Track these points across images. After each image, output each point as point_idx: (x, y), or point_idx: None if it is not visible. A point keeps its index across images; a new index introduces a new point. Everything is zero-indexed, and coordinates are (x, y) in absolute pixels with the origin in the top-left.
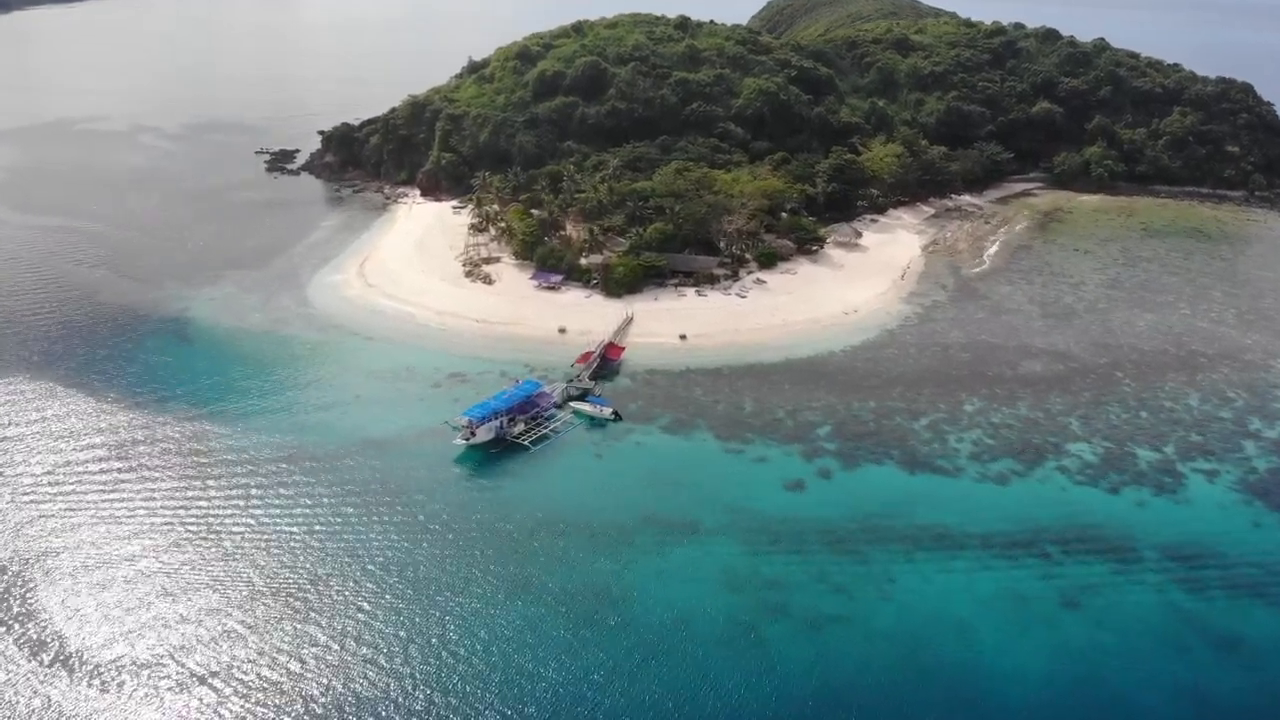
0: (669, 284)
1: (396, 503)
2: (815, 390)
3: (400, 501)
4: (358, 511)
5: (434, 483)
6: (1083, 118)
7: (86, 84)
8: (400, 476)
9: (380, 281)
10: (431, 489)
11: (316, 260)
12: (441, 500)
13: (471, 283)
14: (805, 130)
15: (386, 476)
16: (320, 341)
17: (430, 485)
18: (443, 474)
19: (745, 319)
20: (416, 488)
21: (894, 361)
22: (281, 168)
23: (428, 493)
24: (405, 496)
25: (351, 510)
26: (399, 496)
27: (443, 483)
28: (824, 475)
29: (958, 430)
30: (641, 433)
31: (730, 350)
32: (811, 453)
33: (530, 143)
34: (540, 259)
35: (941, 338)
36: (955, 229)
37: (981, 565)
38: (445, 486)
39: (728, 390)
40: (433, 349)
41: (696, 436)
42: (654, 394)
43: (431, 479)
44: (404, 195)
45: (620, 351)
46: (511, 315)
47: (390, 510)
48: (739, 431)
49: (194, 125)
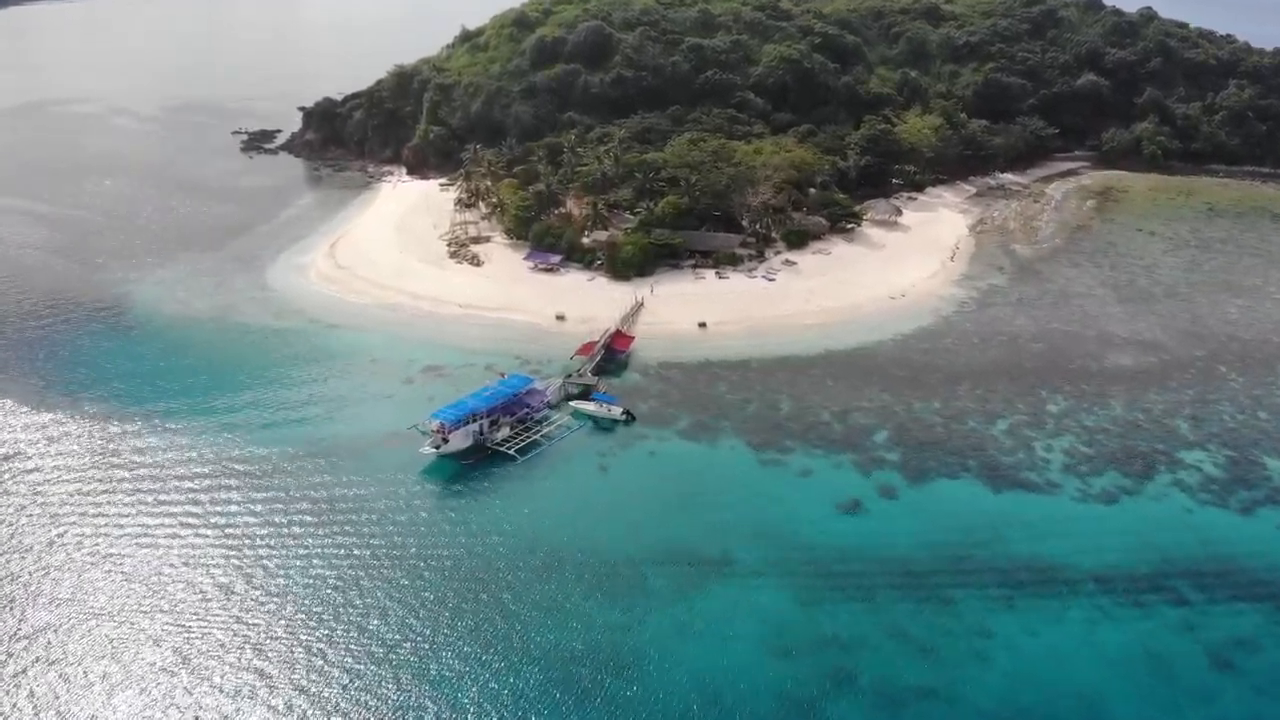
0: (684, 265)
1: (343, 532)
2: (865, 387)
3: (348, 530)
4: (293, 544)
5: (393, 504)
6: (1131, 91)
7: (67, 70)
8: (352, 496)
9: (352, 263)
10: (389, 513)
11: (283, 241)
12: (401, 528)
13: (457, 264)
14: (832, 101)
15: (335, 496)
16: (275, 330)
17: (388, 507)
18: (405, 492)
19: (775, 304)
20: (370, 511)
21: (955, 353)
22: (259, 147)
23: (384, 518)
24: (355, 523)
25: (286, 542)
26: (347, 523)
27: (404, 504)
28: (887, 493)
29: (1045, 435)
30: (656, 439)
31: (759, 340)
32: (868, 464)
33: (527, 113)
34: (536, 236)
35: (1007, 325)
36: (1003, 208)
37: (1102, 613)
38: (407, 509)
39: (759, 387)
40: (406, 338)
41: (724, 444)
42: (670, 391)
43: (390, 499)
44: (389, 174)
45: (629, 342)
46: (501, 300)
47: (334, 541)
48: (776, 437)
49: (171, 107)
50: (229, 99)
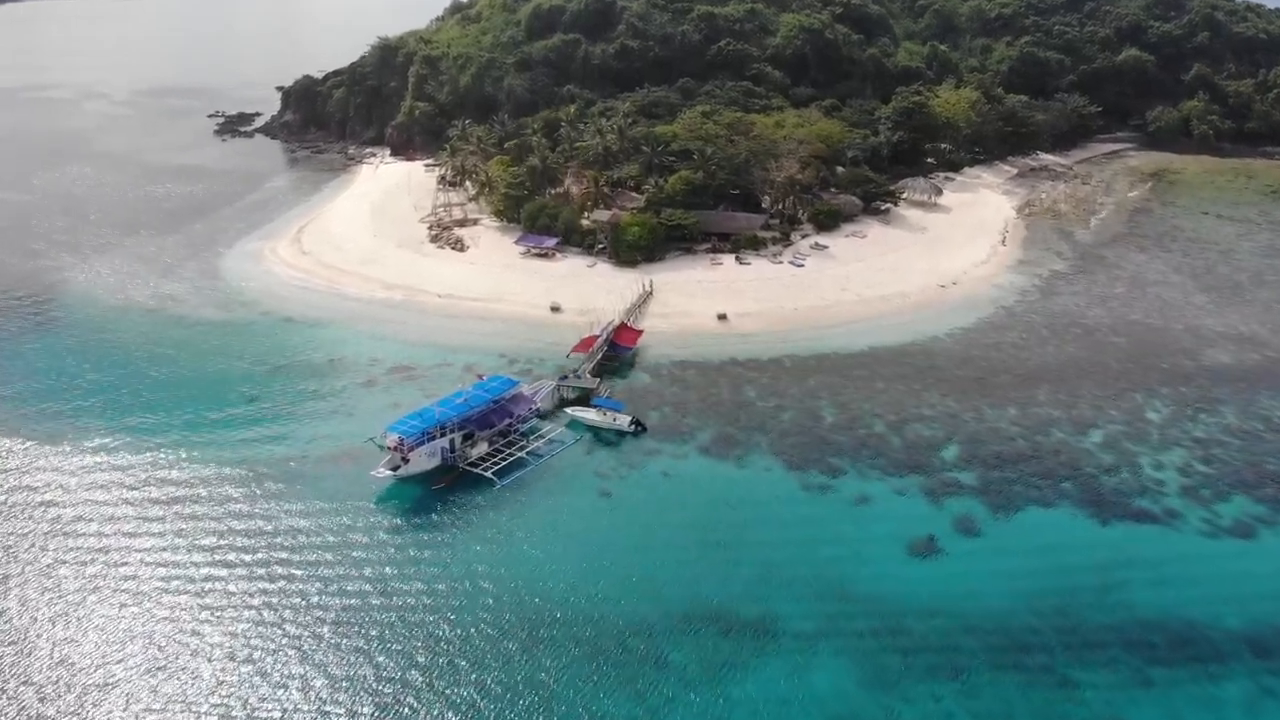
0: (699, 249)
1: (271, 580)
2: (924, 390)
3: (278, 576)
4: (190, 598)
5: (333, 545)
6: (1177, 67)
7: (47, 59)
8: (286, 530)
9: (318, 248)
10: (330, 554)
11: (244, 225)
12: (340, 580)
13: (438, 249)
14: (855, 75)
15: (264, 529)
16: (218, 324)
17: (330, 546)
18: (351, 529)
19: (805, 293)
20: (307, 551)
21: (1026, 349)
22: (235, 130)
23: (319, 565)
24: (287, 567)
25: (182, 598)
26: (278, 567)
27: (347, 546)
28: (966, 527)
29: (1150, 449)
30: (671, 456)
31: (789, 334)
32: (939, 489)
33: (522, 87)
34: (529, 217)
35: (1080, 317)
36: (1049, 189)
37: (1266, 693)
38: (349, 553)
39: (794, 390)
40: (373, 333)
41: (756, 463)
42: (686, 396)
43: (330, 539)
44: (371, 155)
45: (636, 336)
46: (487, 288)
47: (258, 591)
48: (820, 455)
49: (146, 91)
50: (210, 84)
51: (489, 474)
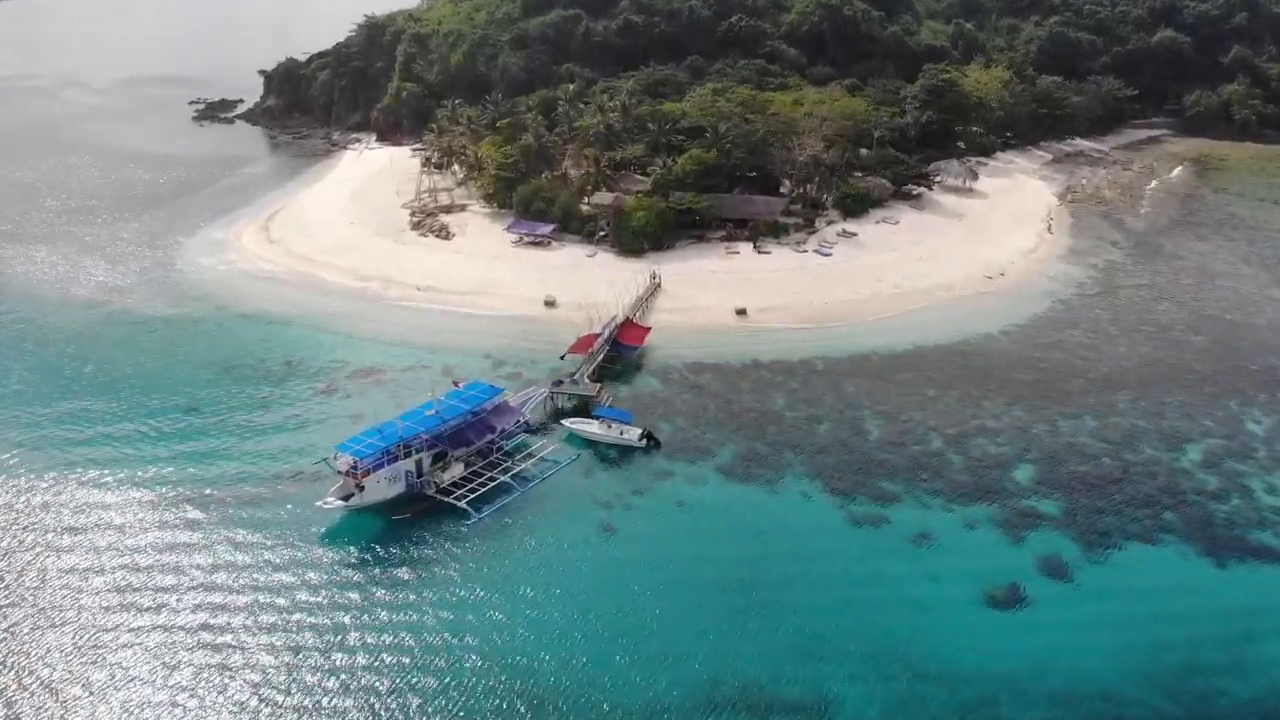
0: (712, 236)
1: (172, 646)
2: (983, 398)
3: (185, 643)
4: (92, 661)
5: (265, 594)
6: (1214, 49)
7: (30, 50)
8: (203, 578)
9: (287, 237)
10: (258, 611)
11: (210, 213)
12: (271, 640)
13: (420, 237)
14: (876, 54)
15: (176, 577)
16: (167, 319)
17: (258, 601)
18: (288, 572)
19: (835, 285)
20: (227, 608)
21: (1094, 350)
22: (215, 116)
23: (246, 624)
24: (197, 630)
25: (82, 655)
26: (184, 630)
27: (282, 593)
28: (1053, 570)
29: (1259, 469)
30: (687, 478)
31: (820, 332)
32: (1016, 521)
33: (517, 65)
34: (522, 201)
35: (1148, 313)
36: (1089, 175)
37: None
38: (286, 604)
39: (830, 398)
40: (340, 330)
41: (789, 487)
42: (703, 405)
43: (262, 586)
44: (356, 140)
45: (643, 334)
46: (473, 280)
47: (159, 658)
48: (868, 476)
49: (127, 80)
50: (196, 73)
51: (463, 504)
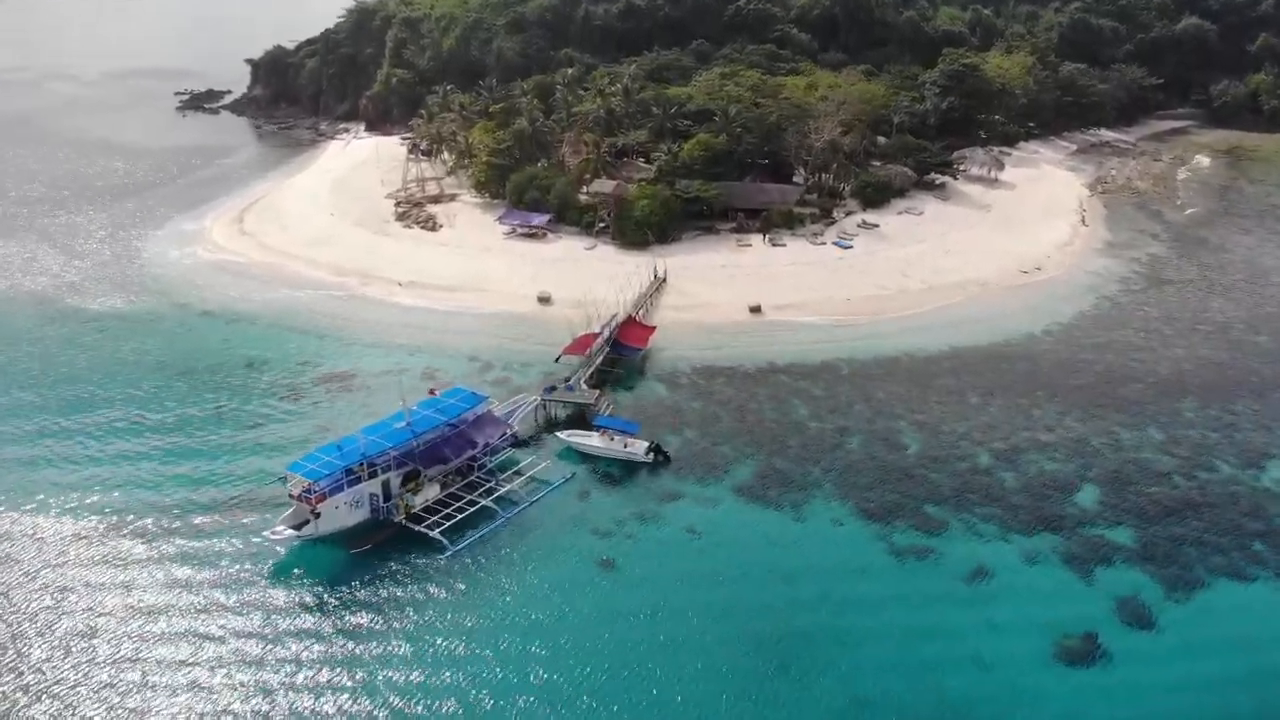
0: (722, 228)
1: (101, 702)
2: (1032, 406)
3: (112, 699)
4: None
5: (201, 641)
6: (1241, 37)
7: (22, 43)
8: (136, 623)
9: (260, 229)
10: (192, 663)
11: (183, 204)
12: (207, 702)
13: (404, 229)
14: (891, 40)
15: (103, 620)
16: (122, 316)
17: (194, 651)
18: (230, 614)
19: (859, 280)
20: (156, 658)
21: (1150, 352)
22: (200, 106)
23: (176, 677)
24: (127, 685)
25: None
26: (108, 686)
27: (222, 639)
28: (1135, 616)
29: None
30: (698, 500)
31: (844, 332)
32: (1084, 554)
33: (513, 50)
34: (515, 190)
35: (1202, 310)
36: (1118, 165)
37: None
38: (227, 652)
39: (860, 407)
40: (310, 329)
41: (818, 511)
42: (715, 414)
43: (200, 632)
44: (344, 130)
45: (647, 335)
46: (460, 275)
47: None
48: (908, 499)
49: (116, 72)
50: (187, 64)
51: (436, 534)
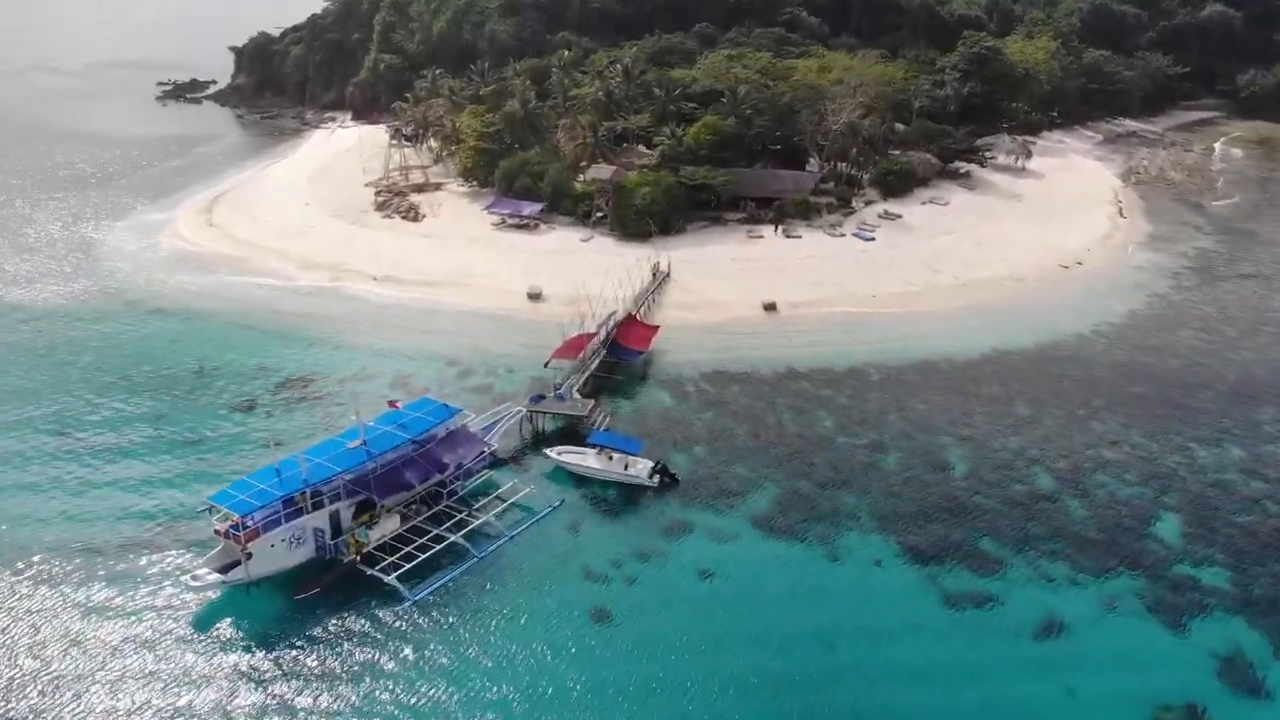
0: (730, 218)
1: None
2: (1090, 417)
3: None
4: None
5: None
6: (1267, 26)
7: (11, 34)
8: (19, 695)
9: (229, 220)
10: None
11: (151, 194)
12: None
13: (384, 219)
14: (905, 25)
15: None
16: (65, 313)
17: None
18: (131, 680)
19: (883, 275)
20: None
21: (1211, 354)
22: (183, 97)
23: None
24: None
25: None
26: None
27: (122, 715)
28: (1241, 680)
29: None
30: (710, 533)
31: (870, 332)
32: (1172, 600)
33: (506, 33)
34: (505, 176)
35: (1265, 309)
36: (1149, 156)
37: None
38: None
39: (894, 418)
40: (272, 329)
41: (853, 548)
42: (727, 428)
43: (90, 702)
44: (330, 119)
45: (649, 335)
46: (442, 269)
47: None
48: (958, 531)
49: (102, 63)
50: (176, 56)
51: (392, 579)
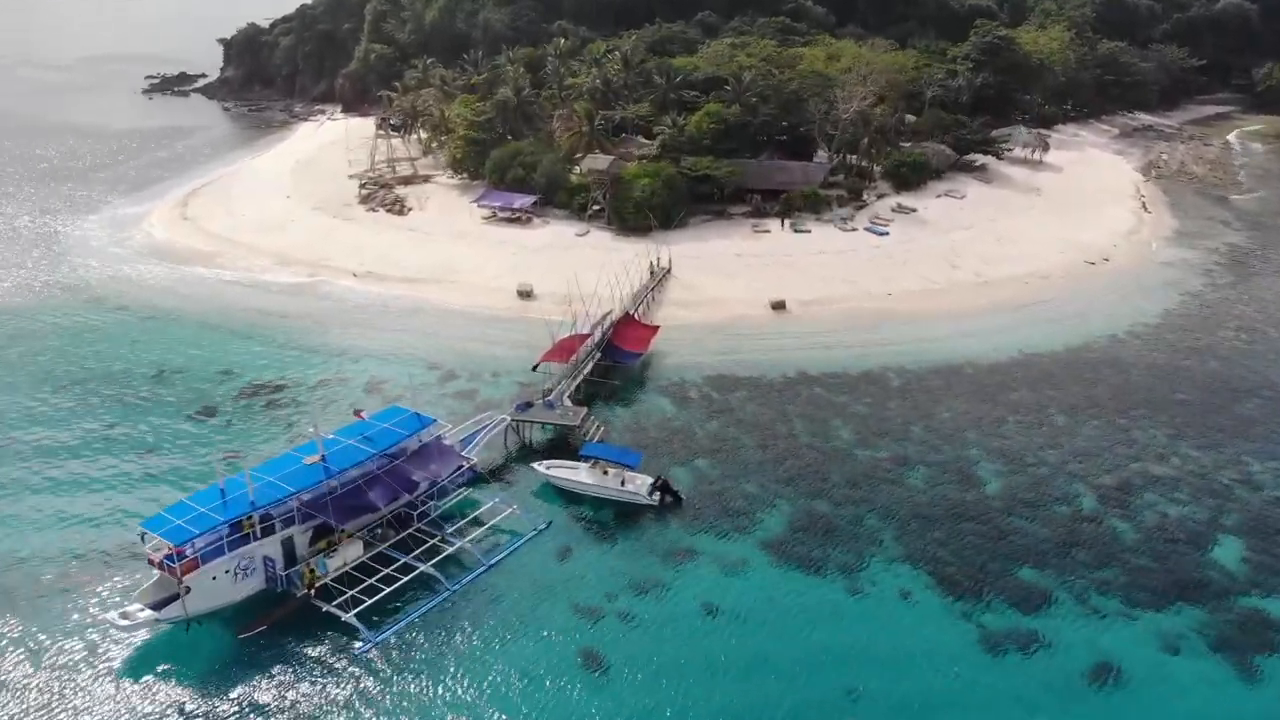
0: (735, 212)
1: None
2: (1132, 427)
3: None
4: None
5: None
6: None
7: (5, 30)
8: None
9: (205, 214)
10: None
11: (128, 187)
12: None
13: (368, 212)
14: (914, 16)
15: None
16: (18, 313)
17: None
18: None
19: (899, 272)
20: None
21: (1255, 356)
22: (171, 90)
23: None
24: None
25: None
26: None
27: None
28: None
29: None
30: (716, 561)
31: (888, 333)
32: (1241, 640)
33: (501, 22)
34: (497, 167)
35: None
36: (1168, 149)
37: None
38: None
39: (918, 429)
40: (238, 330)
41: (879, 580)
42: (735, 439)
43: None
44: (320, 112)
45: (648, 337)
46: (427, 265)
47: None
48: (999, 561)
49: (91, 57)
50: (170, 49)
51: (349, 616)
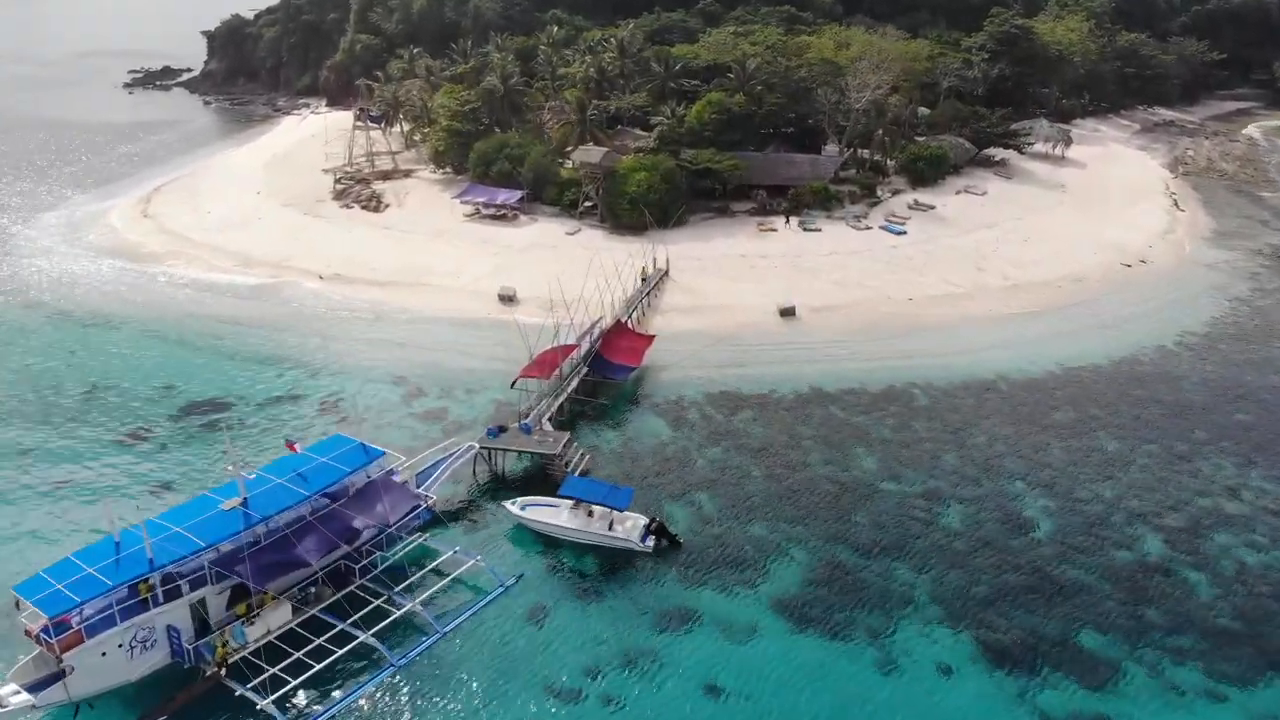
0: (739, 209)
1: None
2: (1193, 453)
3: None
4: None
5: None
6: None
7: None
8: None
9: (168, 211)
10: None
11: (92, 183)
12: None
13: (342, 208)
14: (925, 5)
15: None
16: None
17: None
18: None
19: (920, 274)
20: None
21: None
22: (153, 84)
23: None
24: None
25: None
26: None
27: None
28: None
29: None
30: (719, 625)
31: (911, 344)
32: None
33: (493, 11)
34: (480, 160)
35: None
36: (1193, 146)
37: None
38: None
39: (952, 457)
40: (186, 340)
41: (909, 646)
42: (740, 468)
43: None
44: (304, 105)
45: (642, 348)
46: (400, 266)
47: None
48: (1053, 622)
49: (77, 53)
50: (153, 45)
51: (267, 703)
